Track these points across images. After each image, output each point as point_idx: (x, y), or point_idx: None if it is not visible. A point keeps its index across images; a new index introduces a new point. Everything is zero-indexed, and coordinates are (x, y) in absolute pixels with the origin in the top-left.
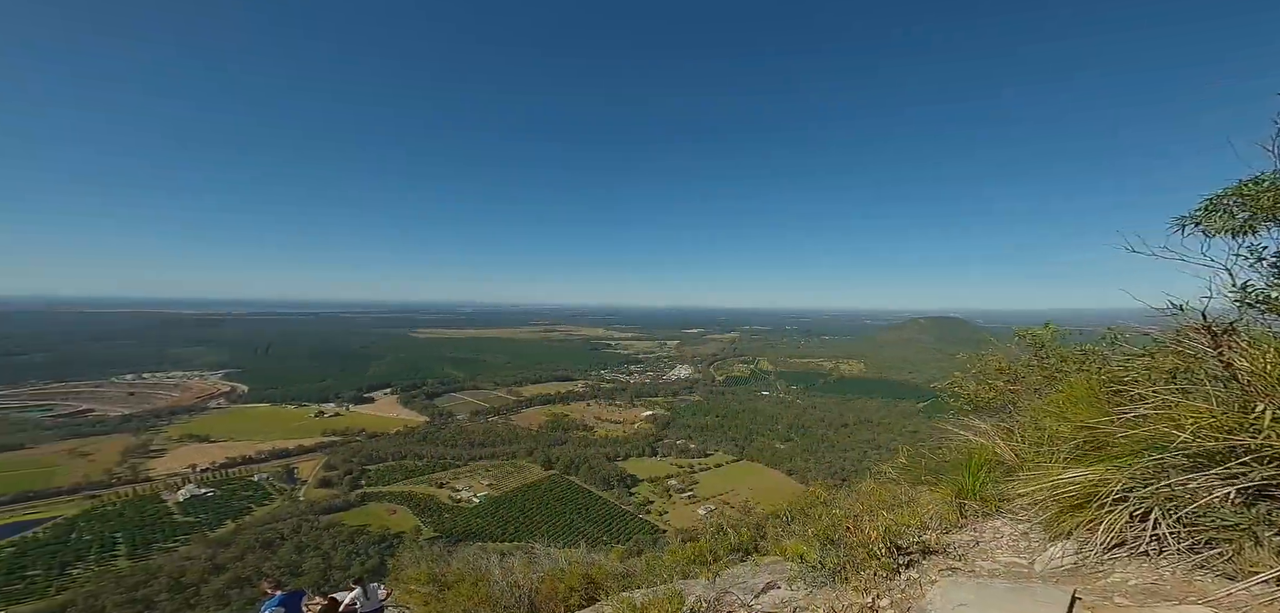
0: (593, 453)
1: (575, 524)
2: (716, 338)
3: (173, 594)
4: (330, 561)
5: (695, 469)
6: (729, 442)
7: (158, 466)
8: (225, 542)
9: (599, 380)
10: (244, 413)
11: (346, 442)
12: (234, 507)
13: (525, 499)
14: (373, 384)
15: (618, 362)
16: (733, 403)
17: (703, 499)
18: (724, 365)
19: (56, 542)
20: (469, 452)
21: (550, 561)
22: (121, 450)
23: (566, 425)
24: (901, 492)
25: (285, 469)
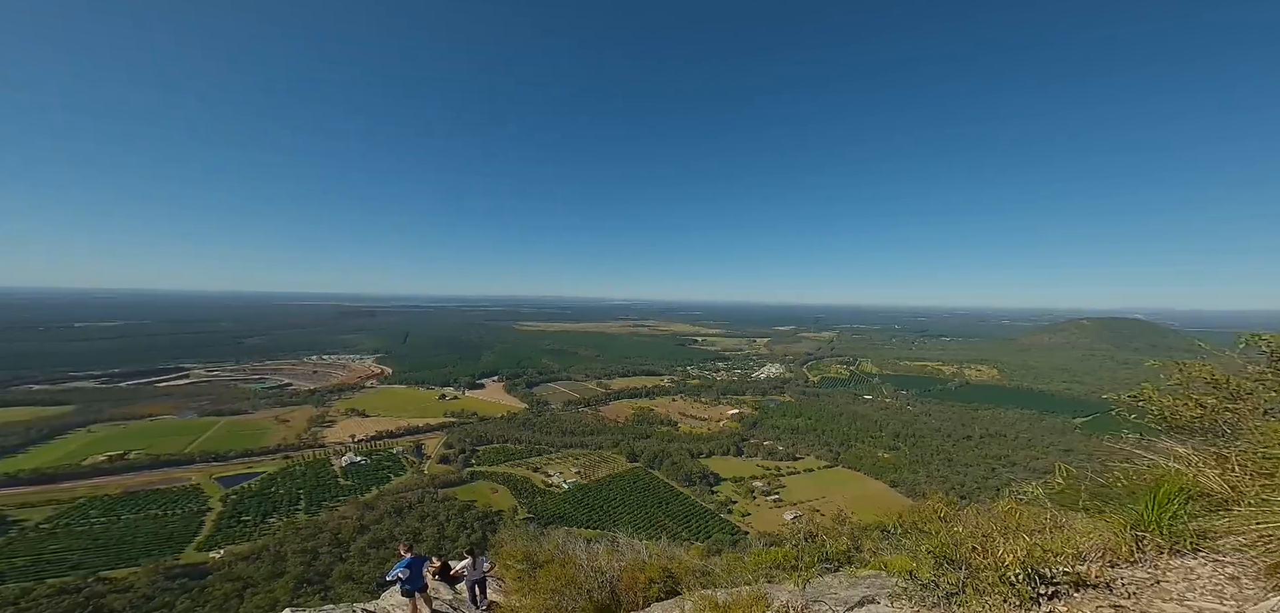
0: (676, 449)
1: (656, 518)
2: (811, 336)
3: (332, 548)
4: (443, 530)
5: (782, 472)
6: (822, 446)
7: (329, 434)
8: (371, 506)
9: (685, 377)
10: (389, 393)
11: (462, 423)
12: (378, 475)
13: (609, 490)
14: (483, 372)
15: (704, 358)
16: (828, 406)
17: (789, 504)
18: (819, 366)
19: (261, 493)
20: (561, 439)
21: (632, 551)
22: (307, 419)
23: (651, 420)
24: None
25: (415, 445)
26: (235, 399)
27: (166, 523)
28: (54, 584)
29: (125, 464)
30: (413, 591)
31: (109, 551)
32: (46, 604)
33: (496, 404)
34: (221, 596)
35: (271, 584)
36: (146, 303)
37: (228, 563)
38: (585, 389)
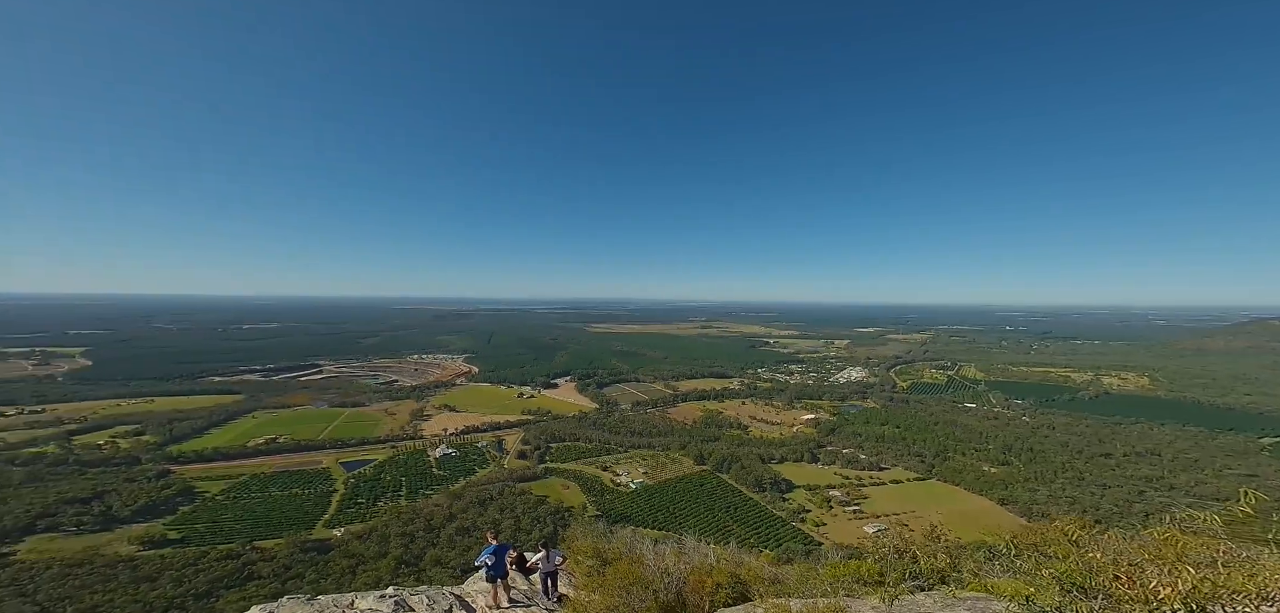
0: (745, 453)
1: (723, 522)
2: (899, 338)
3: (425, 533)
4: (520, 523)
5: (864, 483)
6: (912, 457)
7: (426, 427)
8: (458, 495)
9: (755, 379)
10: (476, 390)
11: (537, 421)
12: (465, 467)
13: (676, 492)
14: (557, 372)
15: (776, 360)
16: (920, 414)
17: (872, 516)
18: (909, 370)
19: (374, 479)
20: (629, 439)
21: (699, 554)
22: (409, 413)
23: (719, 423)
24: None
25: (497, 440)
26: (356, 393)
27: (303, 501)
28: (222, 549)
29: (276, 447)
30: (495, 577)
31: (261, 523)
32: (216, 565)
33: (569, 403)
34: (339, 571)
35: (377, 564)
36: (295, 307)
37: (345, 541)
38: (653, 390)
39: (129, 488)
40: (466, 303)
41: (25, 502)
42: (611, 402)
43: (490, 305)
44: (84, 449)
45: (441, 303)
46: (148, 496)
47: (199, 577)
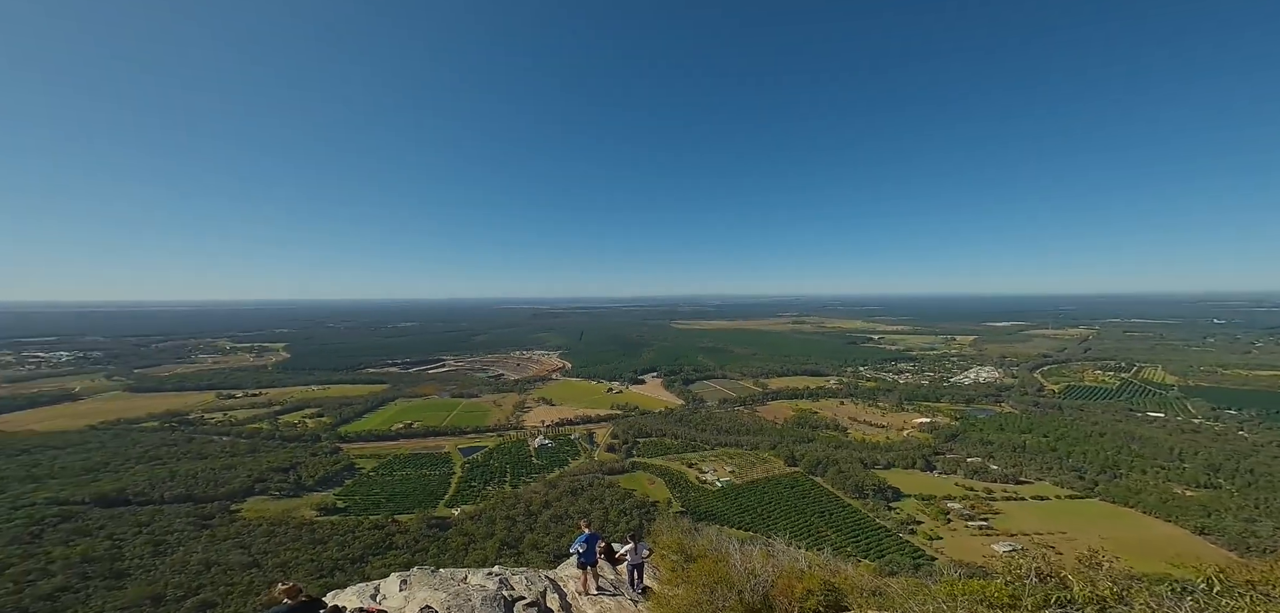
0: (844, 456)
1: (816, 527)
2: (1048, 334)
3: (525, 518)
4: (607, 514)
5: (995, 496)
6: (1066, 471)
7: (527, 419)
8: (553, 484)
9: (856, 378)
10: (569, 385)
11: (625, 416)
12: (559, 458)
13: (764, 492)
14: (644, 368)
15: (881, 358)
16: (1078, 422)
17: (1003, 534)
18: (1062, 371)
19: (484, 465)
20: (715, 437)
21: (789, 558)
22: (513, 405)
23: (814, 423)
24: None
25: (588, 433)
26: (470, 385)
27: (429, 481)
28: (371, 520)
29: (411, 432)
30: (585, 565)
31: (399, 498)
32: (367, 534)
33: (655, 399)
34: (455, 547)
35: (484, 543)
36: (425, 309)
37: (460, 521)
38: (741, 388)
39: (312, 461)
40: (560, 302)
41: (247, 469)
42: (697, 398)
43: (581, 304)
44: (285, 426)
45: (538, 303)
46: (324, 469)
47: (355, 543)
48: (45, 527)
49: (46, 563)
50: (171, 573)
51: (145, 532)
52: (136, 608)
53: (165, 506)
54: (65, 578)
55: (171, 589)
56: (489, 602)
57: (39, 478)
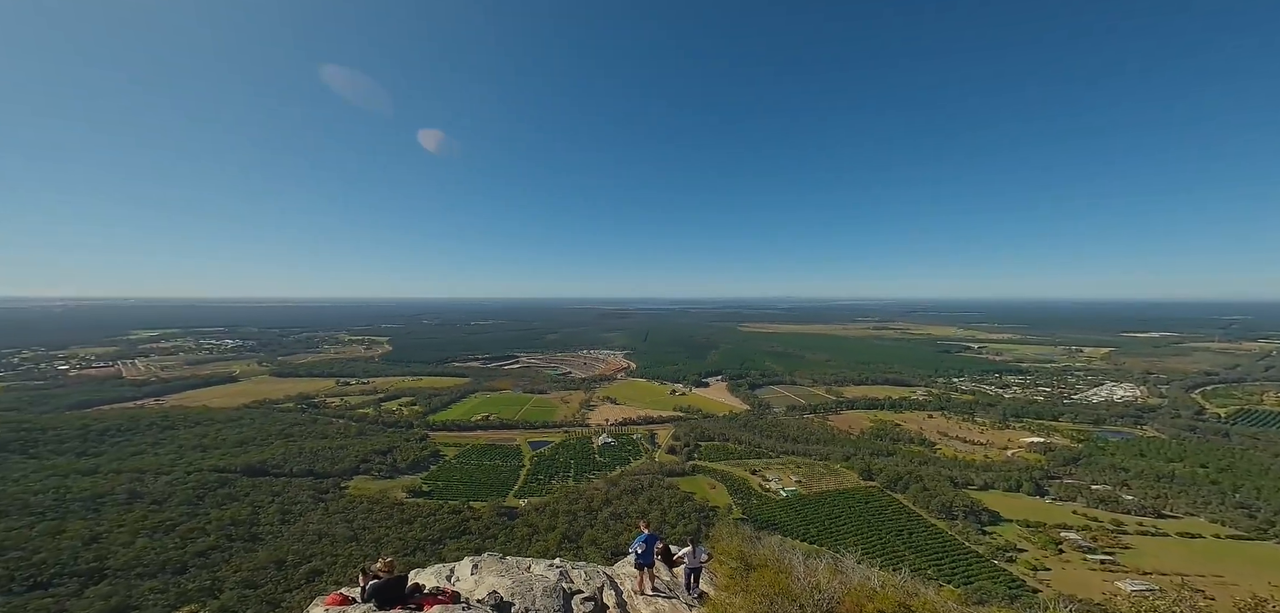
0: (930, 472)
1: (892, 546)
2: (1211, 347)
3: (586, 513)
4: (665, 516)
5: (1126, 529)
6: (1230, 507)
7: (592, 416)
8: (614, 483)
9: (948, 389)
10: (633, 385)
11: (687, 418)
12: (621, 456)
13: (834, 505)
14: (709, 371)
15: (981, 369)
16: (1252, 453)
17: (1132, 571)
18: (1235, 393)
19: (551, 459)
20: (781, 444)
21: (859, 575)
22: (579, 402)
23: (896, 436)
24: None
25: (650, 434)
26: (540, 382)
27: (501, 472)
28: (450, 505)
29: (488, 424)
30: (643, 565)
31: (474, 486)
32: (446, 518)
33: (719, 403)
34: (521, 536)
35: (547, 535)
36: (502, 307)
37: (526, 512)
38: (812, 395)
39: (405, 446)
40: (625, 303)
41: (355, 450)
42: (763, 404)
43: (646, 305)
44: (386, 413)
45: (604, 302)
46: (415, 454)
47: (435, 525)
48: (206, 490)
49: (205, 524)
50: (292, 541)
51: (277, 501)
52: (263, 571)
53: (293, 478)
54: (216, 538)
55: (291, 556)
56: (549, 593)
57: (205, 448)
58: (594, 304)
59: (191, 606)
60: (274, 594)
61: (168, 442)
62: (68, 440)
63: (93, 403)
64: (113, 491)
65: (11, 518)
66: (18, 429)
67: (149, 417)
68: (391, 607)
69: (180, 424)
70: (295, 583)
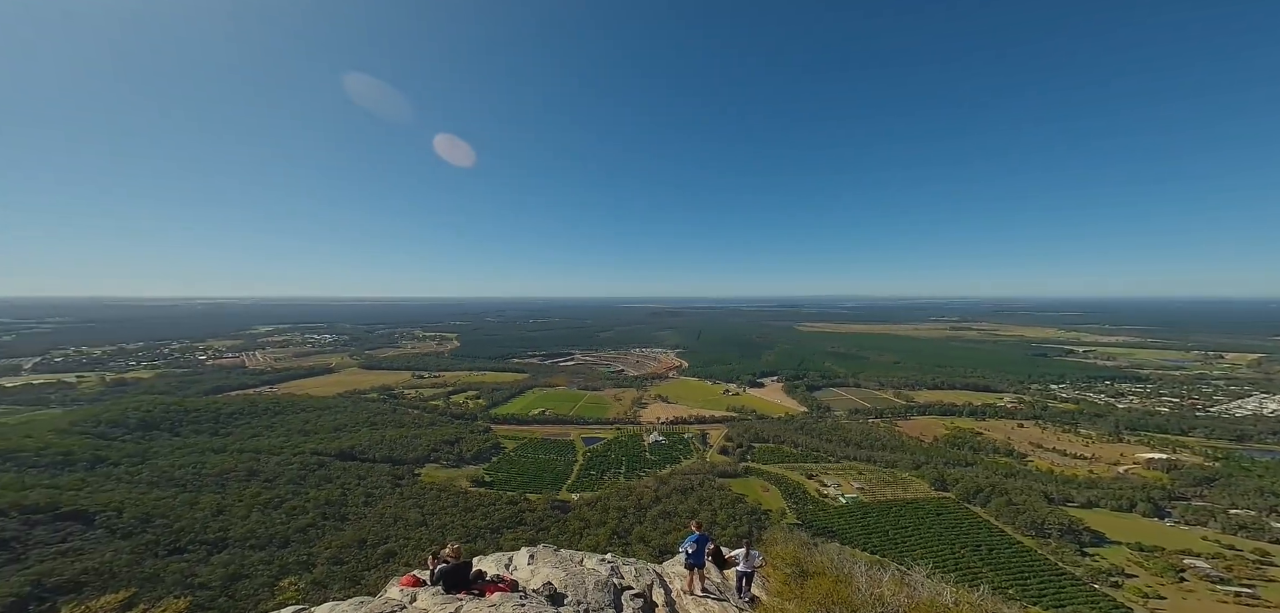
0: (1018, 486)
1: (967, 562)
2: None
3: (635, 511)
4: (716, 517)
5: (1275, 560)
6: None
7: (643, 414)
8: (664, 481)
9: (1044, 396)
10: (685, 384)
11: (741, 419)
12: (672, 455)
13: (900, 514)
14: (763, 371)
15: (1088, 375)
16: None
17: (1273, 606)
18: None
19: (603, 455)
20: (842, 449)
21: (930, 590)
22: (631, 400)
23: (976, 446)
24: None
25: (701, 433)
26: (594, 379)
27: (556, 466)
28: (508, 496)
29: (544, 418)
30: (693, 565)
31: (530, 479)
32: (504, 508)
33: (774, 404)
34: (573, 529)
35: (597, 530)
36: (559, 306)
37: (578, 506)
38: (877, 399)
39: (470, 438)
40: (678, 302)
41: (426, 440)
42: (822, 407)
43: (699, 304)
44: (454, 405)
45: (657, 301)
46: (478, 445)
47: (494, 515)
48: (307, 471)
49: (304, 502)
50: (373, 523)
51: (362, 484)
52: (348, 548)
53: (376, 463)
54: (313, 517)
55: (371, 536)
56: (601, 587)
57: (307, 432)
58: (646, 304)
59: (291, 577)
60: (356, 571)
61: (279, 426)
62: (203, 422)
63: (222, 389)
64: (236, 468)
65: (160, 489)
66: (167, 411)
67: (265, 402)
68: (457, 590)
69: (288, 410)
70: (373, 562)
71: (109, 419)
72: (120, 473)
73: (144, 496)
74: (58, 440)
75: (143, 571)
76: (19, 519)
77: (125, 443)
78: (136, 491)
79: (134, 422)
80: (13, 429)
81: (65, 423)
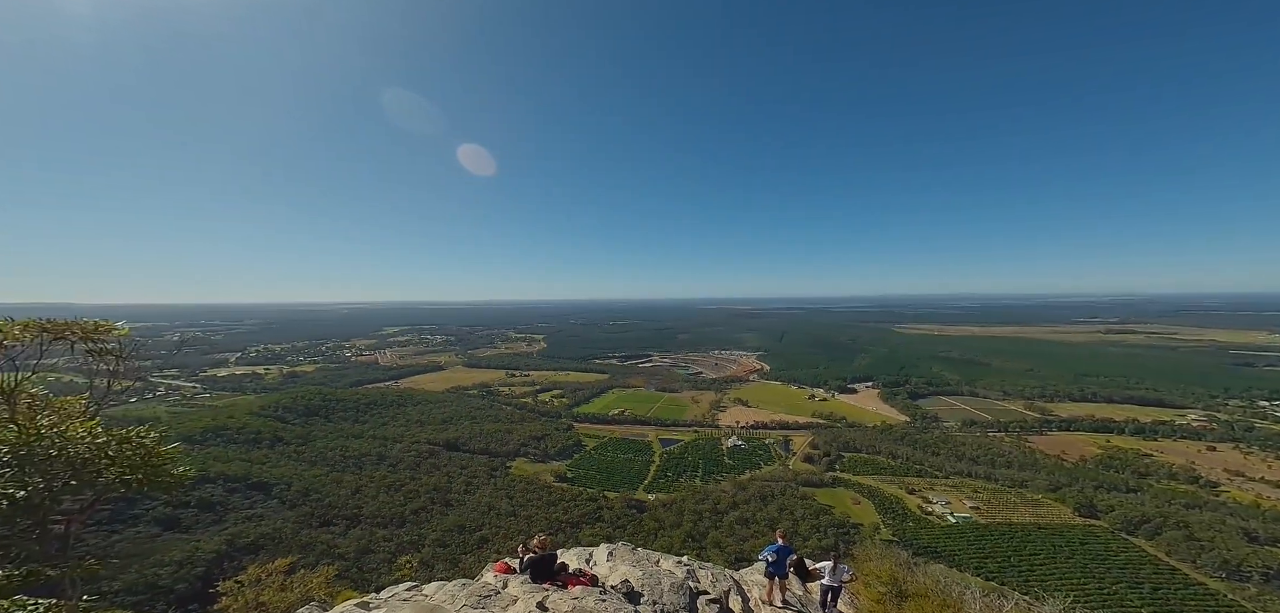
0: (1204, 519)
1: (1123, 599)
2: None
3: (711, 515)
4: (797, 527)
5: None
6: None
7: (722, 418)
8: (743, 487)
9: (1249, 414)
10: (766, 387)
11: (829, 426)
12: (751, 460)
13: (1029, 539)
14: (856, 376)
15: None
16: None
17: None
18: None
19: (679, 457)
20: (954, 464)
21: None
22: (709, 403)
23: (1145, 470)
24: None
25: (784, 439)
26: (672, 381)
27: (633, 466)
28: (587, 493)
29: (623, 418)
30: (774, 575)
31: (608, 477)
32: (584, 504)
33: (869, 412)
34: (648, 529)
35: (671, 532)
36: (638, 307)
37: (654, 507)
38: (1002, 410)
39: (554, 435)
40: (758, 302)
41: (517, 435)
42: (929, 416)
43: (781, 304)
44: (541, 403)
45: (736, 302)
46: (562, 442)
47: (574, 510)
48: (421, 459)
49: (418, 487)
50: (470, 510)
51: (463, 474)
52: (450, 533)
53: (475, 454)
54: (424, 501)
55: (469, 523)
56: (676, 589)
57: (422, 423)
58: (726, 304)
59: (406, 556)
60: (455, 554)
61: (400, 416)
62: (347, 410)
63: (362, 382)
64: (369, 453)
65: (316, 467)
66: (323, 400)
67: (392, 396)
68: (543, 580)
69: (408, 403)
70: (469, 547)
71: (283, 406)
72: (290, 452)
73: (305, 472)
74: (251, 422)
75: (301, 538)
76: (223, 486)
77: (294, 426)
78: (300, 467)
79: (300, 408)
80: (222, 410)
81: (256, 407)
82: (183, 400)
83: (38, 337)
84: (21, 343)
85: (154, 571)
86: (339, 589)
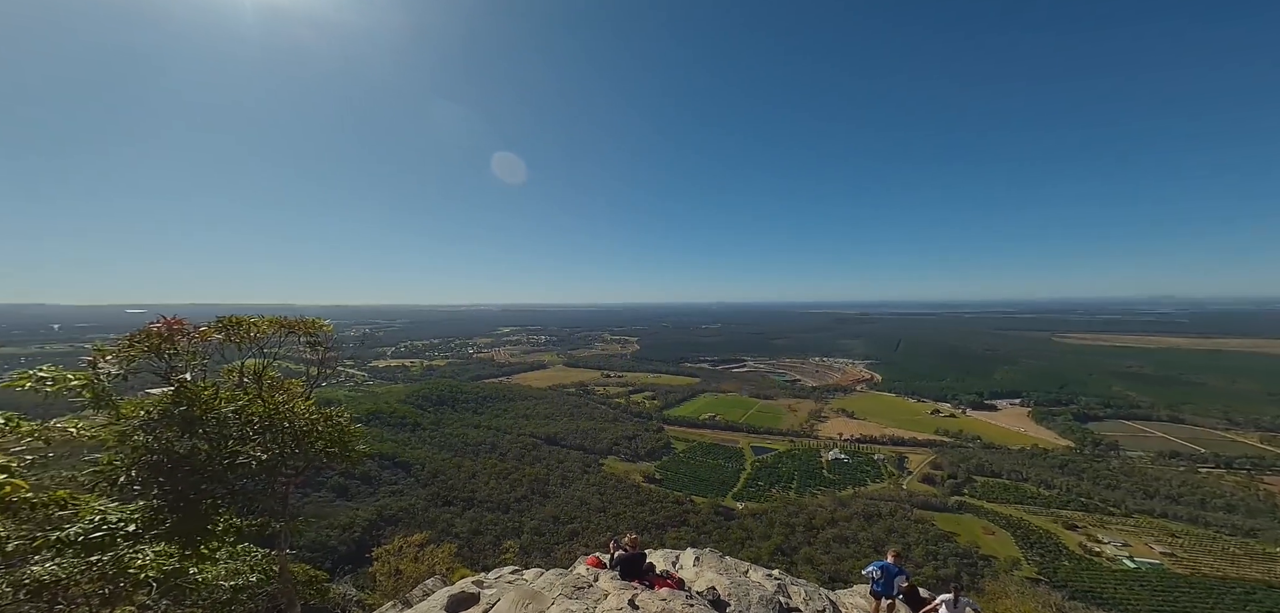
0: None
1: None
2: None
3: (805, 530)
4: (909, 551)
5: None
6: None
7: (822, 428)
8: (844, 503)
9: None
10: (877, 399)
11: (957, 445)
12: (855, 476)
13: (1250, 601)
14: (997, 391)
15: None
16: None
17: None
18: None
19: (772, 466)
20: (1137, 501)
21: None
22: (808, 412)
23: None
24: None
25: (897, 456)
26: (767, 387)
27: (722, 472)
28: (674, 495)
29: (713, 423)
30: (879, 595)
31: (696, 482)
32: (670, 507)
33: (1013, 432)
34: (735, 538)
35: (760, 543)
36: (731, 311)
37: (743, 516)
38: (1216, 439)
39: (645, 436)
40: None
41: (609, 434)
42: (1103, 442)
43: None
44: (633, 404)
45: (840, 306)
46: (652, 443)
47: (661, 512)
48: (525, 451)
49: (521, 477)
50: (565, 503)
51: (559, 468)
52: (546, 523)
53: (571, 450)
54: (525, 490)
55: (562, 515)
56: (766, 602)
57: (527, 417)
58: (829, 307)
59: (509, 541)
60: (548, 545)
61: (510, 410)
62: (469, 402)
63: (480, 377)
64: (484, 441)
65: (444, 453)
66: (452, 392)
67: (505, 390)
68: (631, 578)
69: (516, 398)
70: (561, 538)
71: (423, 396)
72: (425, 437)
73: (435, 456)
74: (400, 408)
75: (429, 515)
76: (376, 463)
77: (429, 413)
78: (432, 451)
79: (435, 398)
80: (380, 396)
81: (404, 395)
82: (355, 387)
83: (277, 331)
84: (265, 336)
85: (326, 532)
86: (456, 566)
